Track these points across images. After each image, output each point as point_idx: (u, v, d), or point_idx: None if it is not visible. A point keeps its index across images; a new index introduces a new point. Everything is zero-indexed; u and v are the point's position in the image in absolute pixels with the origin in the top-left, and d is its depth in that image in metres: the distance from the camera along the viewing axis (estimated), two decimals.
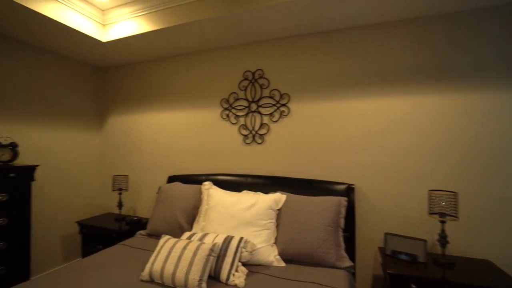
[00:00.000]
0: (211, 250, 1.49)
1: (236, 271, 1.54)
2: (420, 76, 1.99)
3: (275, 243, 1.86)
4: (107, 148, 3.34)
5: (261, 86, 2.49)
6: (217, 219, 1.95)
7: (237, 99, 2.59)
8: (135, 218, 2.75)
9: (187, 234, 1.81)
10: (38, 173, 2.52)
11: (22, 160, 2.48)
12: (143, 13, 2.31)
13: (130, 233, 2.51)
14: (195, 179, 2.58)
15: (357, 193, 2.14)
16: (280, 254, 1.79)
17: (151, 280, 1.49)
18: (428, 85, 1.97)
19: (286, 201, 2.00)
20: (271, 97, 2.44)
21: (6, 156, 2.21)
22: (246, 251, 1.66)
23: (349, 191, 2.06)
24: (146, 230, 2.30)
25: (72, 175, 3.02)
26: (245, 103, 2.55)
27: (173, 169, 2.90)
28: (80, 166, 3.11)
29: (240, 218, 1.89)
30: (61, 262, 2.89)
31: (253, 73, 2.52)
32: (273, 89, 2.44)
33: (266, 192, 2.18)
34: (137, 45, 2.61)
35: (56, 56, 2.85)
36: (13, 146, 2.25)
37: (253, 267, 1.69)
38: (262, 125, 2.48)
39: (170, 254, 1.50)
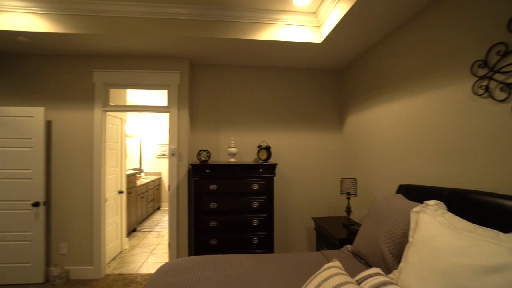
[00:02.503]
0: None
1: None
2: None
3: None
4: (344, 149, 3.29)
5: None
6: (417, 268, 1.14)
7: (504, 54, 1.38)
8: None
9: (367, 272, 1.24)
10: (279, 170, 3.12)
11: (272, 159, 3.17)
12: None
13: (349, 242, 2.26)
14: (432, 193, 1.70)
15: None
16: None
17: None
18: None
19: None
20: None
21: (264, 156, 2.96)
22: None
23: None
24: (352, 246, 1.93)
25: (312, 174, 3.32)
26: None
27: (404, 176, 2.18)
28: (319, 166, 3.34)
29: (460, 285, 0.95)
30: (306, 249, 3.29)
31: None
32: None
33: None
34: (348, 30, 2.29)
35: (296, 70, 3.33)
36: (267, 148, 2.96)
37: None
38: None
39: None
